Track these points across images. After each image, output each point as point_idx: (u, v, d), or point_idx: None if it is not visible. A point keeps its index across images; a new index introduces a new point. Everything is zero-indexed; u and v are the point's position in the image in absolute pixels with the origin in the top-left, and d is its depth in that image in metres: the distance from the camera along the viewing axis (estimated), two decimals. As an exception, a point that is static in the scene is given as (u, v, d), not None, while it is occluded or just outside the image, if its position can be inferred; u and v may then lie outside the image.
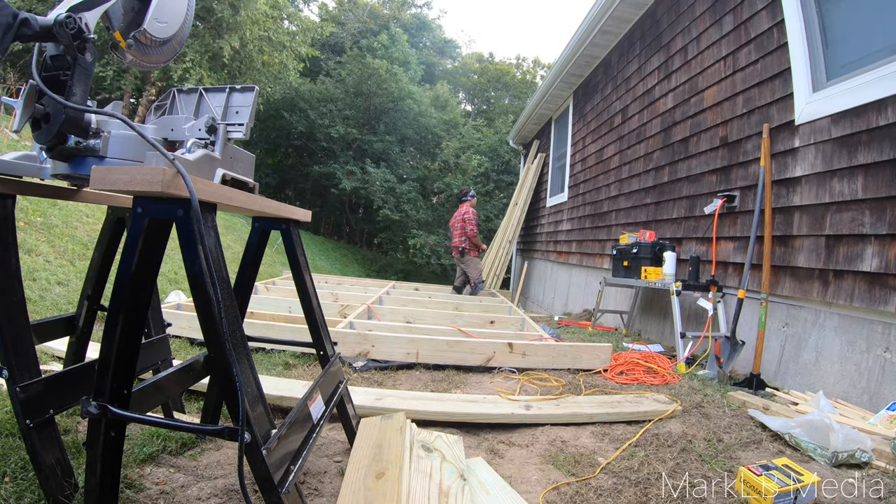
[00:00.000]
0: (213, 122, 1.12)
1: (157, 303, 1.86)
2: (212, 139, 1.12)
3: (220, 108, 1.17)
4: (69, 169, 1.03)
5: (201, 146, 1.08)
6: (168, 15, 1.15)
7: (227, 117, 1.17)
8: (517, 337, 3.32)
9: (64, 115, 0.92)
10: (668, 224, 4.24)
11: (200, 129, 1.12)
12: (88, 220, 5.01)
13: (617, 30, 5.62)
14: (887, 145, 2.26)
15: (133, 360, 1.03)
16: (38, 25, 0.88)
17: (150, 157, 0.97)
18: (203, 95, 1.18)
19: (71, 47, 0.91)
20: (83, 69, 0.94)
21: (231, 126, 1.15)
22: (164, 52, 1.20)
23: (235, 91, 1.18)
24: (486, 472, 1.56)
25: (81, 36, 0.92)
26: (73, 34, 0.90)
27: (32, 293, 3.08)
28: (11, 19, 0.85)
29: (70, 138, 0.98)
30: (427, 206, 15.27)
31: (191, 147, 1.06)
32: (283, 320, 3.26)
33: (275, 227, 1.54)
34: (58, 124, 0.92)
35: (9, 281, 1.18)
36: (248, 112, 1.15)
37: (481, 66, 23.55)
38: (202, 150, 1.06)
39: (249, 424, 0.96)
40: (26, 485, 1.20)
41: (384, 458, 1.47)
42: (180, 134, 1.13)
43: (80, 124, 0.96)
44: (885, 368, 2.23)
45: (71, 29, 0.90)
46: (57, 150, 0.98)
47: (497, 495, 1.43)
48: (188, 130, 1.13)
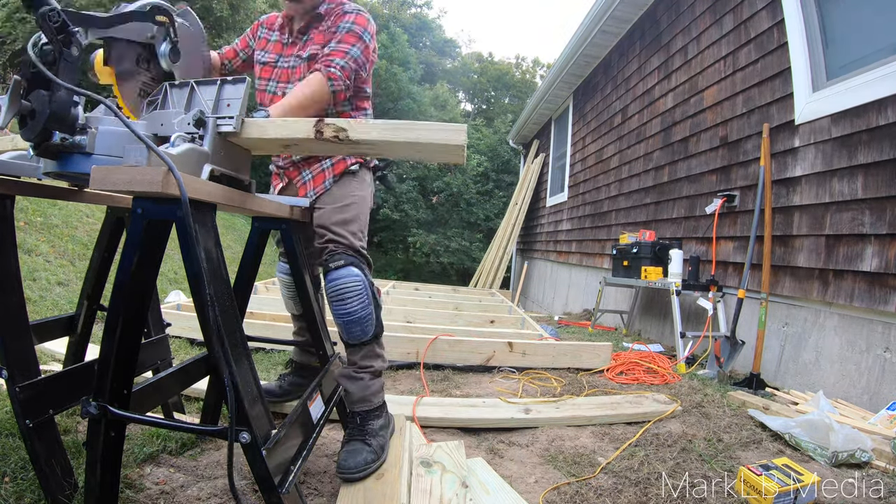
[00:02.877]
0: (202, 116, 1.07)
1: (157, 303, 1.86)
2: (200, 133, 1.08)
3: (211, 101, 1.12)
4: (58, 167, 1.00)
5: (188, 140, 1.04)
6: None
7: (217, 110, 1.11)
8: (517, 336, 3.32)
9: (49, 111, 0.89)
10: (668, 224, 4.24)
11: (189, 123, 1.08)
12: (88, 220, 5.01)
13: (617, 29, 5.62)
14: (887, 145, 2.26)
15: (133, 360, 1.03)
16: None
17: (129, 150, 0.92)
18: (195, 89, 1.14)
19: (55, 41, 0.88)
20: (68, 63, 0.90)
21: (221, 119, 1.10)
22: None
23: (227, 83, 1.13)
24: (486, 472, 1.56)
25: (66, 29, 0.89)
26: (56, 28, 0.87)
27: (32, 293, 3.08)
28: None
29: (55, 135, 0.95)
30: (427, 205, 15.26)
31: (175, 141, 1.00)
32: (283, 320, 3.26)
33: (275, 226, 1.54)
34: (43, 120, 0.89)
35: (9, 281, 1.18)
36: (240, 104, 1.10)
37: (481, 66, 23.54)
38: (187, 145, 1.00)
39: (249, 424, 0.96)
40: (26, 485, 1.20)
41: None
42: (170, 129, 1.09)
43: (65, 119, 0.93)
44: (885, 368, 2.23)
45: (54, 22, 0.87)
46: (42, 146, 0.94)
47: (497, 495, 1.43)
48: (177, 125, 1.09)
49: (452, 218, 15.08)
